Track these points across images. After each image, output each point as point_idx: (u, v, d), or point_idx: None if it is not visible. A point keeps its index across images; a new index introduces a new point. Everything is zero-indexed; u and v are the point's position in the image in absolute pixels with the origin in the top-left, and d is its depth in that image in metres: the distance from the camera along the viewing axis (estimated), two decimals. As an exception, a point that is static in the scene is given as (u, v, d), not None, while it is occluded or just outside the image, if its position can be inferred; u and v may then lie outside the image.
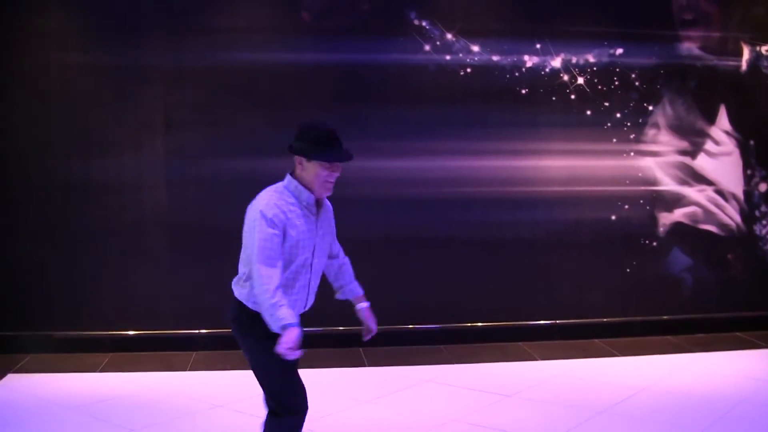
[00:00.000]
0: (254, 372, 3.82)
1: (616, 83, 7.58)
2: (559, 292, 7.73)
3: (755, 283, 8.03)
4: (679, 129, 7.78)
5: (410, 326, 7.48)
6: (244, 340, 3.77)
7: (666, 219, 7.77)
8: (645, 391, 6.15)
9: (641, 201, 7.72)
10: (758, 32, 7.95)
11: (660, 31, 7.72)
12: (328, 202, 3.92)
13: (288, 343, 3.37)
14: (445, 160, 7.41)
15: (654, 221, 7.78)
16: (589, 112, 7.53)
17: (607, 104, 7.57)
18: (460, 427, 5.40)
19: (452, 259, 7.57)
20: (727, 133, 7.84)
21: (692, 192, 7.79)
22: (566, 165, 7.57)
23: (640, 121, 7.71)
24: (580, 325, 7.68)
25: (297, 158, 3.67)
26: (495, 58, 7.38)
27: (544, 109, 7.49)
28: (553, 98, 7.50)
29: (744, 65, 7.88)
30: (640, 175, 7.72)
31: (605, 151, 7.61)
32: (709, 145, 7.83)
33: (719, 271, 7.97)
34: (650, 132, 7.71)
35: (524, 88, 7.43)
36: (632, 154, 7.68)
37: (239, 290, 3.74)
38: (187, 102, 7.24)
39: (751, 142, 7.88)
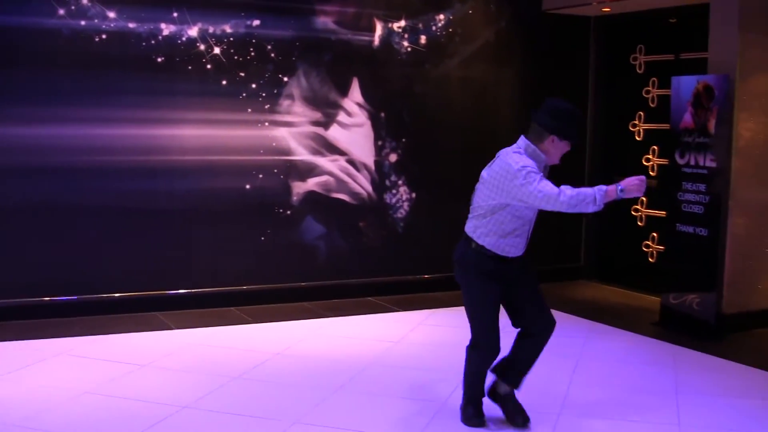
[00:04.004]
0: (465, 307, 5.78)
1: (253, 54, 9.13)
2: (196, 261, 9.15)
3: (386, 250, 10.05)
4: (313, 100, 9.50)
5: (44, 298, 8.53)
6: (464, 278, 5.77)
7: (300, 188, 9.53)
8: (279, 356, 7.51)
9: (275, 170, 9.35)
10: (391, 10, 9.84)
11: (296, 5, 9.34)
12: None
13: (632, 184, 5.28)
14: (80, 128, 8.47)
15: (288, 190, 9.45)
16: (225, 82, 9.03)
17: (243, 75, 9.10)
18: (94, 399, 6.25)
19: (87, 228, 8.65)
20: (359, 105, 9.78)
21: (325, 162, 9.64)
22: (203, 134, 9.00)
23: (276, 92, 9.28)
24: (217, 293, 9.23)
25: (554, 136, 5.46)
26: (131, 25, 8.57)
27: (180, 78, 8.82)
28: (190, 67, 8.84)
29: (376, 41, 9.83)
30: (274, 144, 9.32)
31: (241, 121, 9.16)
32: (341, 117, 9.69)
33: (352, 238, 9.86)
34: (285, 103, 9.37)
35: (161, 57, 8.71)
36: (267, 124, 9.28)
37: (469, 223, 5.70)
38: None
39: (382, 115, 9.89)
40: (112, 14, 8.63)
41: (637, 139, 10.80)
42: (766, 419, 6.35)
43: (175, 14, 8.89)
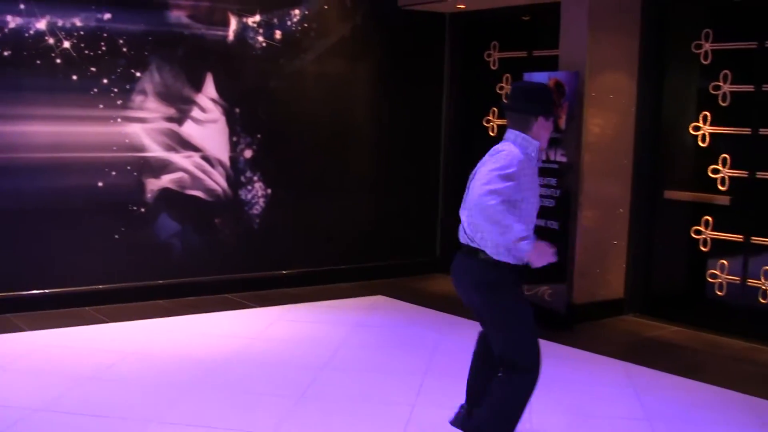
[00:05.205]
0: (495, 326, 5.21)
1: (104, 49, 9.07)
2: (49, 261, 9.06)
3: (242, 246, 10.14)
4: (166, 96, 9.48)
5: None
6: (487, 293, 5.25)
7: (153, 185, 9.51)
8: (135, 354, 7.55)
9: (128, 167, 9.31)
10: (245, 4, 9.89)
11: (149, -2, 9.20)
12: None
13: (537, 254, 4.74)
14: None
15: (141, 187, 9.42)
16: (75, 77, 8.93)
17: (94, 70, 9.03)
18: (-59, 405, 6.03)
19: (-66, 229, 8.31)
20: (213, 100, 9.81)
21: (179, 158, 9.64)
22: (52, 131, 8.89)
23: (128, 87, 9.23)
24: (71, 293, 9.14)
25: (540, 118, 5.06)
26: (-25, 17, 8.24)
27: (28, 73, 8.69)
28: (38, 62, 8.72)
29: (231, 35, 9.87)
30: (127, 141, 9.27)
31: (92, 117, 9.08)
32: (195, 113, 9.71)
33: (207, 235, 9.92)
34: (137, 99, 9.33)
35: (7, 50, 8.57)
36: (119, 120, 9.22)
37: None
38: None
39: (237, 110, 9.94)
40: (-46, 6, 8.33)
41: (491, 134, 11.13)
42: (615, 404, 6.70)
43: (22, 6, 8.74)
